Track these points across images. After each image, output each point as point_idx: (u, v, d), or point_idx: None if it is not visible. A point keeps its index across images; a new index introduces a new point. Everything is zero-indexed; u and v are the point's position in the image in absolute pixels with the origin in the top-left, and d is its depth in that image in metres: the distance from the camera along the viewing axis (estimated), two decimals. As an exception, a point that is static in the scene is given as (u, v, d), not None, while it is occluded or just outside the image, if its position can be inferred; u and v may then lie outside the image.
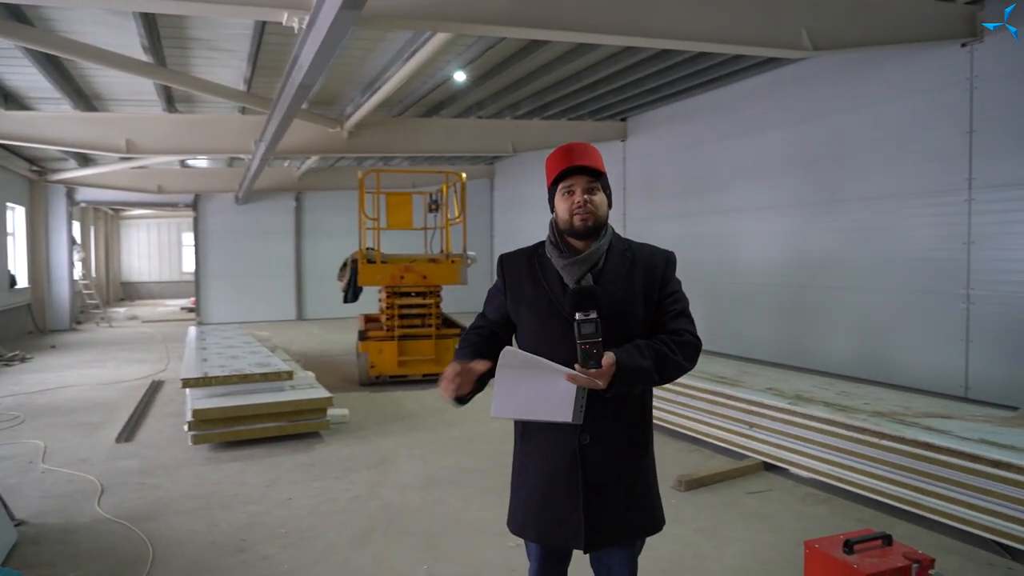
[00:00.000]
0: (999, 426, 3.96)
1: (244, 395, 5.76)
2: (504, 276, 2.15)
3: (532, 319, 2.06)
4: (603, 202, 2.03)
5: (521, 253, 2.18)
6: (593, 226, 1.99)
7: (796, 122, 8.79)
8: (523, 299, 2.08)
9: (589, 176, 2.00)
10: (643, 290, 2.03)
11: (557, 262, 2.04)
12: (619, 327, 1.96)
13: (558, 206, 2.05)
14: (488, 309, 2.21)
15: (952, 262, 7.02)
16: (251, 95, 8.63)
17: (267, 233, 16.81)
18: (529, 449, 2.09)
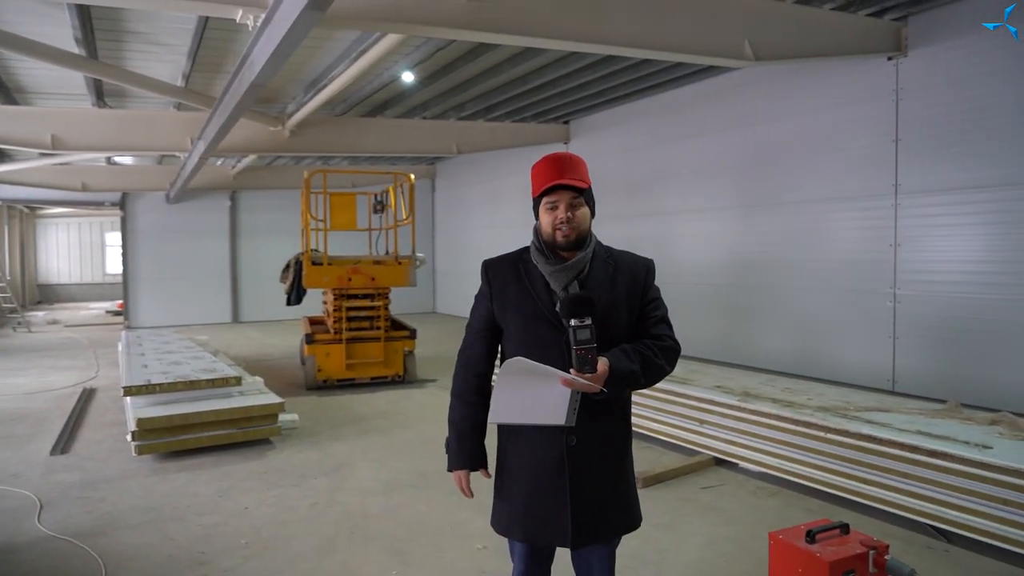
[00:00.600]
0: (932, 418, 4.24)
1: (190, 402, 5.57)
2: (489, 282, 2.18)
3: (519, 324, 2.10)
4: (586, 216, 2.08)
5: (505, 259, 2.21)
6: (575, 241, 2.05)
7: (734, 128, 9.12)
8: (509, 304, 2.12)
9: (573, 192, 2.05)
10: (626, 296, 2.11)
11: (544, 268, 2.08)
12: (604, 332, 2.01)
13: (542, 218, 2.10)
14: (475, 318, 2.24)
15: (880, 263, 7.43)
16: (189, 91, 8.34)
17: (200, 233, 16.24)
18: (514, 452, 2.13)
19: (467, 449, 2.18)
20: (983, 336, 6.50)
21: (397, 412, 6.90)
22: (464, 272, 16.46)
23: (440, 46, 7.40)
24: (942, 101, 6.82)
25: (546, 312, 2.05)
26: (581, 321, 1.89)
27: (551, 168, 2.07)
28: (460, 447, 2.18)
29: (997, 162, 6.39)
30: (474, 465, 2.19)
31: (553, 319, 2.03)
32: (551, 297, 2.06)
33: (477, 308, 2.22)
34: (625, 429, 2.19)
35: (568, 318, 1.91)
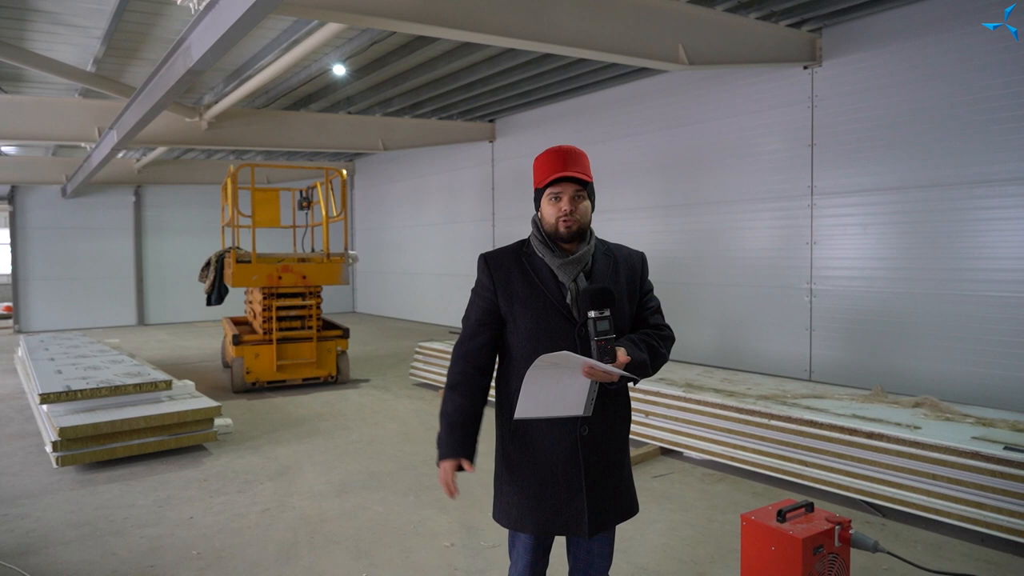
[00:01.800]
0: (863, 403, 4.55)
1: (116, 409, 5.23)
2: (491, 275, 2.16)
3: (528, 317, 2.10)
4: (587, 209, 2.12)
5: (505, 253, 2.20)
6: (577, 232, 2.09)
7: (660, 130, 9.43)
8: (517, 298, 2.12)
9: (577, 185, 2.08)
10: (628, 288, 2.18)
11: (552, 261, 2.10)
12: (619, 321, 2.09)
13: (544, 209, 2.13)
14: (475, 311, 2.20)
15: (797, 260, 7.89)
16: (100, 77, 7.80)
17: (101, 231, 15.21)
18: (521, 444, 2.13)
19: (456, 438, 2.10)
20: (891, 327, 7.03)
21: (336, 413, 6.72)
22: (386, 272, 16.22)
23: (377, 39, 7.26)
24: (852, 109, 7.32)
25: (557, 304, 2.07)
26: (601, 312, 1.94)
27: (556, 160, 2.09)
28: (450, 436, 2.11)
29: (899, 166, 6.92)
30: (464, 454, 2.10)
31: (564, 311, 2.06)
32: (560, 290, 2.09)
33: (477, 301, 2.20)
34: (628, 417, 2.26)
35: (588, 310, 1.95)
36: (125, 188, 15.29)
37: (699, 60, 6.54)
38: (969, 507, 3.56)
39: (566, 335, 2.04)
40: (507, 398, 2.14)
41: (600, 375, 1.90)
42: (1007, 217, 6.24)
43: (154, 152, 12.94)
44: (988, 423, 3.98)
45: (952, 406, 4.32)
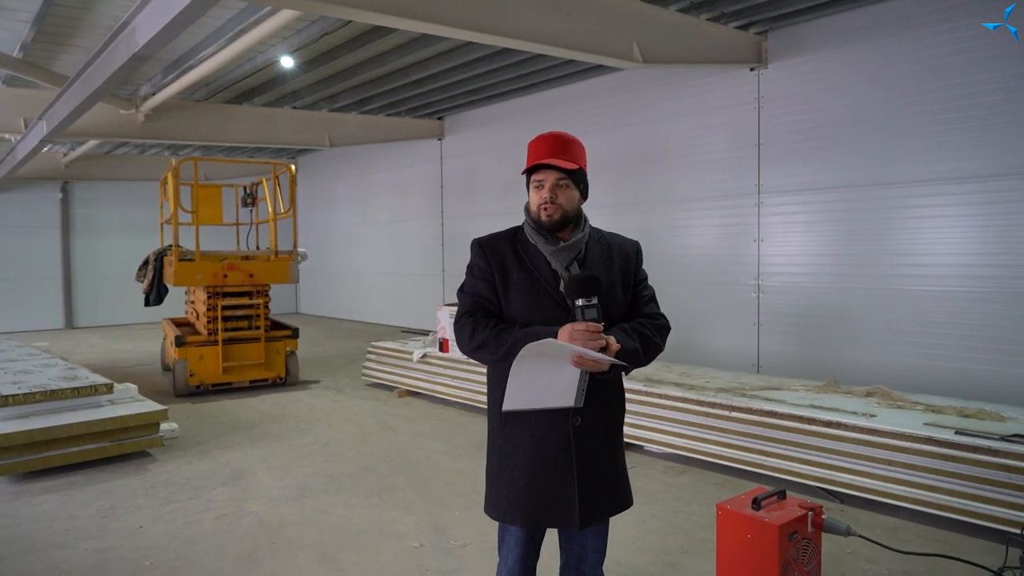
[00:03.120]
0: (818, 393, 4.68)
1: (53, 415, 4.91)
2: (487, 259, 2.12)
3: (522, 304, 2.07)
4: (572, 198, 2.09)
5: (500, 238, 2.18)
6: (559, 221, 2.07)
7: (610, 128, 9.52)
8: (512, 283, 2.09)
9: (560, 173, 2.05)
10: (621, 277, 2.17)
11: (545, 248, 2.08)
12: (605, 312, 2.04)
13: (530, 195, 2.13)
14: (479, 288, 2.12)
15: (745, 256, 8.08)
16: (27, 64, 7.34)
17: (23, 228, 14.36)
18: (513, 436, 2.09)
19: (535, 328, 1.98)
20: (836, 322, 7.27)
21: (287, 416, 6.51)
22: (331, 271, 15.87)
23: (327, 30, 7.07)
24: (796, 110, 7.54)
25: (551, 292, 2.04)
26: (588, 300, 1.92)
27: (541, 146, 2.08)
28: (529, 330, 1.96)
29: (842, 166, 7.16)
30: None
31: (558, 298, 2.03)
32: (554, 277, 2.07)
33: (476, 283, 2.13)
34: (622, 408, 2.24)
35: (575, 297, 1.93)
36: (51, 184, 14.49)
37: (652, 59, 6.61)
38: (923, 491, 3.69)
39: (559, 323, 2.00)
40: (498, 388, 2.08)
41: (589, 364, 1.88)
42: (942, 215, 6.53)
43: (83, 146, 12.30)
44: (937, 410, 4.14)
45: (903, 394, 4.48)
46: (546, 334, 1.91)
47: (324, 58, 8.35)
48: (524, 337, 1.93)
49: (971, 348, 6.24)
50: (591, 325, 1.89)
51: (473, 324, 2.06)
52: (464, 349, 2.09)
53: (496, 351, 1.99)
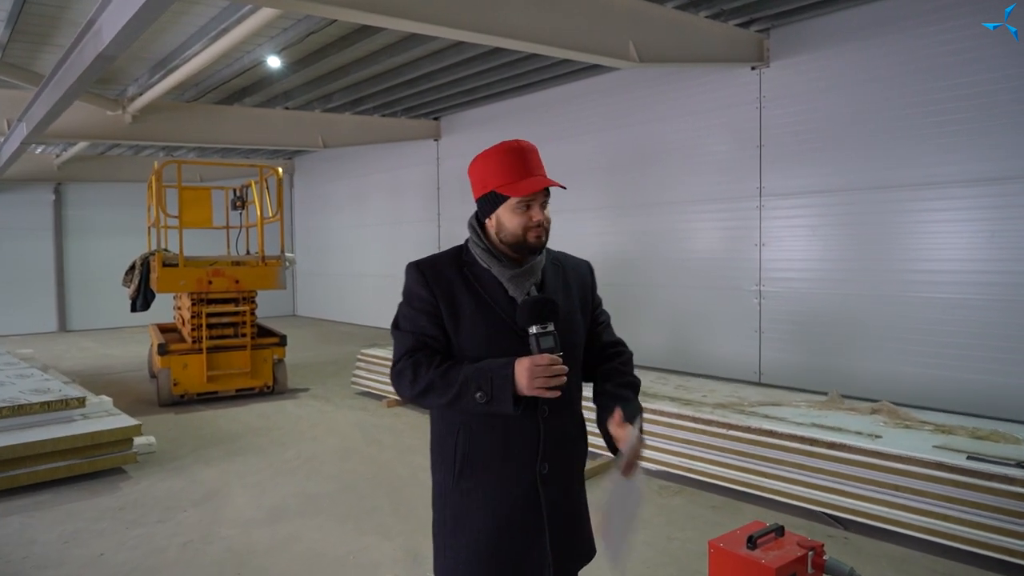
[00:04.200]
0: (821, 410, 4.45)
1: (21, 431, 4.71)
2: (429, 287, 1.82)
3: (476, 338, 1.79)
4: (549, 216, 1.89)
5: (443, 262, 1.87)
6: (544, 243, 1.86)
7: (608, 129, 9.29)
8: (463, 314, 1.80)
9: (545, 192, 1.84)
10: (580, 300, 1.97)
11: (501, 273, 1.82)
12: (566, 340, 1.82)
13: (506, 217, 1.81)
14: (421, 323, 1.81)
15: (746, 261, 7.84)
16: (6, 64, 7.15)
17: (16, 231, 14.18)
18: (470, 489, 1.81)
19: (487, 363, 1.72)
20: (840, 329, 7.02)
21: (271, 428, 6.30)
22: (328, 273, 15.68)
23: (312, 29, 6.86)
24: (799, 110, 7.30)
25: (509, 322, 1.80)
26: (543, 327, 1.71)
27: (522, 161, 1.80)
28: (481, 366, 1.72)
29: (846, 168, 6.92)
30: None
31: (519, 330, 1.80)
32: (512, 305, 1.82)
33: (417, 316, 1.82)
34: (586, 450, 2.02)
35: (528, 324, 1.72)
36: (44, 185, 14.31)
37: (649, 58, 6.38)
38: (933, 519, 3.46)
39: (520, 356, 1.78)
40: (447, 435, 1.83)
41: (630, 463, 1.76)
42: (952, 219, 6.29)
43: (75, 147, 12.12)
44: (947, 430, 3.91)
45: (910, 412, 4.25)
46: (501, 370, 1.68)
47: (313, 57, 8.14)
48: (476, 375, 1.70)
49: (981, 359, 6.00)
50: (551, 359, 1.68)
51: (415, 366, 1.76)
52: (407, 396, 1.81)
53: (444, 393, 1.73)
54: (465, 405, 1.72)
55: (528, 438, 1.79)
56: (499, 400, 1.68)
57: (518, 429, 1.78)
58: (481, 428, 1.78)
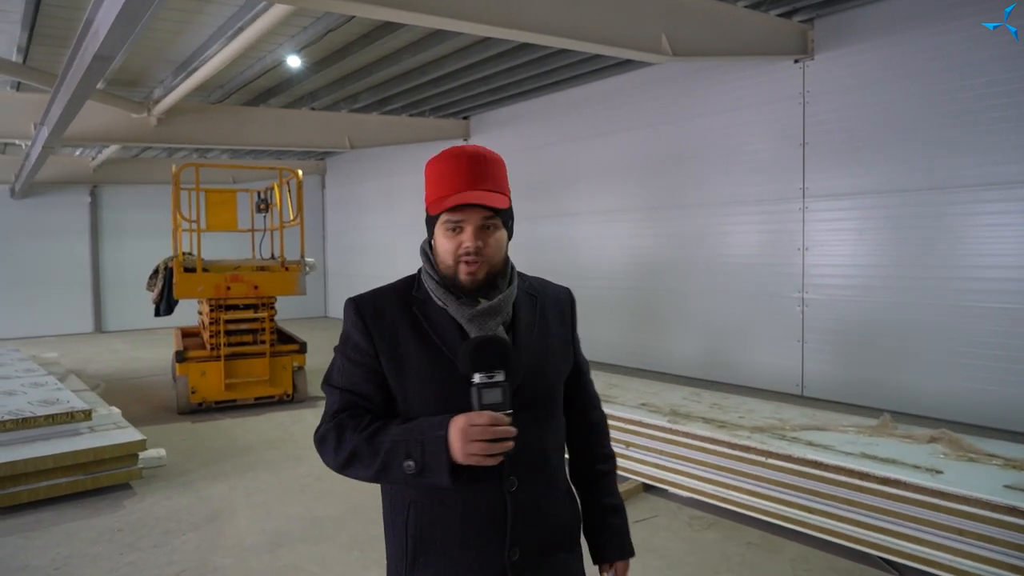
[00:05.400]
0: (871, 436, 4.02)
1: (24, 445, 4.56)
2: (369, 331, 1.46)
3: (427, 396, 1.43)
4: (501, 243, 1.46)
5: (387, 299, 1.51)
6: (483, 281, 1.43)
7: (641, 127, 8.88)
8: (408, 364, 1.44)
9: (487, 211, 1.42)
10: (561, 341, 1.60)
11: (458, 312, 1.44)
12: (541, 388, 1.49)
13: (439, 241, 1.46)
14: (354, 378, 1.47)
15: (788, 267, 7.38)
16: (29, 68, 7.10)
17: (54, 232, 14.35)
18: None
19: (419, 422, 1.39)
20: (890, 340, 6.53)
21: (287, 440, 6.09)
22: (358, 274, 15.55)
23: (330, 27, 6.63)
24: (846, 105, 6.82)
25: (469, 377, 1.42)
26: (488, 377, 1.33)
27: (457, 170, 1.41)
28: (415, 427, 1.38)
29: (897, 167, 6.42)
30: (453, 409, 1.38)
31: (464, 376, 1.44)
32: None
33: (351, 370, 1.47)
34: (576, 525, 1.60)
35: (470, 372, 1.34)
36: (80, 188, 14.48)
37: (683, 51, 5.99)
38: (1004, 570, 3.03)
39: None
40: (397, 512, 1.48)
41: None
42: (1015, 223, 5.77)
43: (108, 150, 12.18)
44: (1019, 465, 3.46)
45: (973, 443, 3.80)
46: (433, 431, 1.33)
47: (336, 57, 7.94)
48: (405, 438, 1.35)
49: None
50: (493, 417, 1.30)
51: (338, 429, 1.42)
52: (332, 466, 1.45)
53: (370, 464, 1.38)
54: (394, 477, 1.36)
55: (492, 518, 1.41)
56: (431, 470, 1.32)
57: (479, 506, 1.41)
58: (433, 506, 1.42)
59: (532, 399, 1.45)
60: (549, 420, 1.52)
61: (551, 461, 1.51)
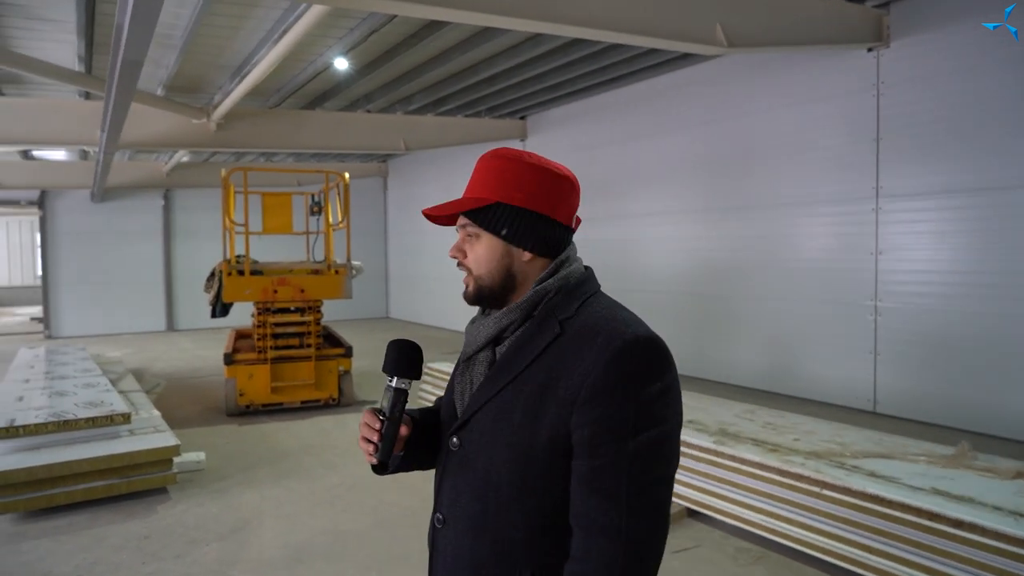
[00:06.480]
0: (945, 468, 3.56)
1: (65, 447, 4.62)
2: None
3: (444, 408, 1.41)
4: (490, 251, 1.26)
5: None
6: (475, 296, 1.29)
7: (702, 124, 8.45)
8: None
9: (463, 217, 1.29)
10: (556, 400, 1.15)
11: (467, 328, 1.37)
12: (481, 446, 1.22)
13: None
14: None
15: (859, 272, 6.84)
16: (91, 77, 7.32)
17: (130, 234, 15.00)
18: None
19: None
20: (975, 354, 5.92)
21: (326, 446, 6.02)
22: (418, 276, 15.58)
23: (374, 27, 6.55)
24: (928, 96, 6.24)
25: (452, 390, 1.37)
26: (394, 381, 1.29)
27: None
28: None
29: (989, 163, 5.81)
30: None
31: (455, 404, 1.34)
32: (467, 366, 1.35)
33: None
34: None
35: (390, 372, 1.30)
36: (154, 192, 15.07)
37: (740, 42, 5.59)
38: (1103, 638, 2.58)
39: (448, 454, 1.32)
40: None
41: None
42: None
43: (177, 155, 12.59)
44: (1124, 511, 2.96)
45: (1069, 480, 3.30)
46: None
47: (385, 58, 7.87)
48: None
49: None
50: (368, 415, 1.28)
51: None
52: None
53: None
54: None
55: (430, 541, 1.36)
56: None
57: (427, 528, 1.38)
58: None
59: (474, 449, 1.25)
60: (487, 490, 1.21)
61: (497, 526, 1.21)
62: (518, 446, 1.17)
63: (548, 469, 1.15)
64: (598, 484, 1.10)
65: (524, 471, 1.17)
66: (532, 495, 1.18)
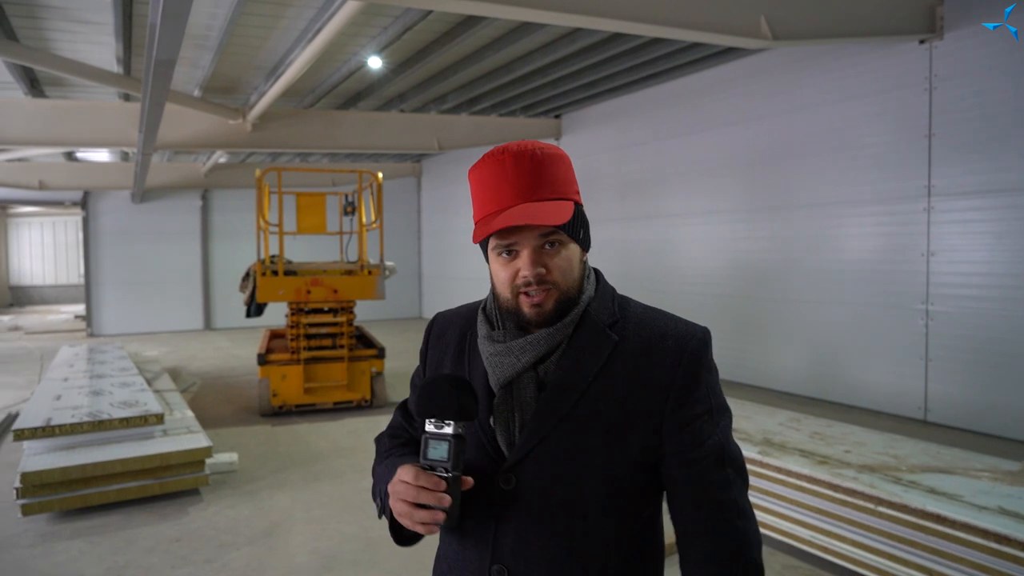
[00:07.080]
0: (1012, 486, 3.33)
1: (99, 447, 4.64)
2: (427, 353, 1.31)
3: None
4: (571, 260, 1.13)
5: (457, 317, 1.30)
6: (554, 312, 1.11)
7: (743, 121, 8.21)
8: None
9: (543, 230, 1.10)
10: (629, 407, 1.10)
11: (485, 349, 1.16)
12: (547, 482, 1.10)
13: (492, 268, 1.18)
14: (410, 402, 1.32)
15: (910, 275, 6.55)
16: (129, 78, 7.39)
17: (169, 234, 15.26)
18: None
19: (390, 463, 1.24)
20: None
21: (358, 448, 5.97)
22: (451, 276, 15.54)
23: (408, 25, 6.46)
24: (984, 90, 5.93)
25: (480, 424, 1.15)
26: (439, 425, 1.07)
27: (501, 178, 1.10)
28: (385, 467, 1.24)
29: (1053, 160, 5.50)
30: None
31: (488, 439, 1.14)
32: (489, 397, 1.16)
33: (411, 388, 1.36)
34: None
35: (421, 417, 1.09)
36: (193, 192, 15.30)
37: (785, 35, 5.38)
38: None
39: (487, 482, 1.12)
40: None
41: None
42: None
43: (215, 156, 12.74)
44: None
45: None
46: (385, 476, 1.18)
47: (418, 57, 7.80)
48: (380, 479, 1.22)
49: None
50: (422, 476, 1.04)
51: (377, 444, 1.35)
52: None
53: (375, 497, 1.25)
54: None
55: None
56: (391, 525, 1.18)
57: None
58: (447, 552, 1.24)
59: (542, 484, 1.10)
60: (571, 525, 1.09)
61: (586, 563, 1.10)
62: (606, 468, 1.09)
63: (638, 484, 1.12)
64: (712, 477, 1.09)
65: (615, 493, 1.11)
66: (625, 517, 1.12)
